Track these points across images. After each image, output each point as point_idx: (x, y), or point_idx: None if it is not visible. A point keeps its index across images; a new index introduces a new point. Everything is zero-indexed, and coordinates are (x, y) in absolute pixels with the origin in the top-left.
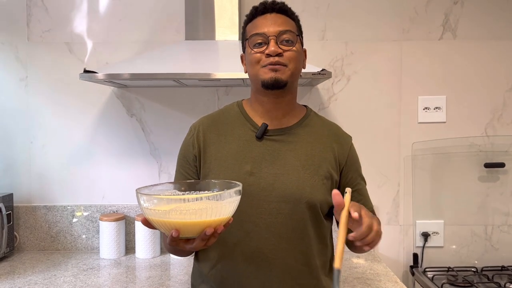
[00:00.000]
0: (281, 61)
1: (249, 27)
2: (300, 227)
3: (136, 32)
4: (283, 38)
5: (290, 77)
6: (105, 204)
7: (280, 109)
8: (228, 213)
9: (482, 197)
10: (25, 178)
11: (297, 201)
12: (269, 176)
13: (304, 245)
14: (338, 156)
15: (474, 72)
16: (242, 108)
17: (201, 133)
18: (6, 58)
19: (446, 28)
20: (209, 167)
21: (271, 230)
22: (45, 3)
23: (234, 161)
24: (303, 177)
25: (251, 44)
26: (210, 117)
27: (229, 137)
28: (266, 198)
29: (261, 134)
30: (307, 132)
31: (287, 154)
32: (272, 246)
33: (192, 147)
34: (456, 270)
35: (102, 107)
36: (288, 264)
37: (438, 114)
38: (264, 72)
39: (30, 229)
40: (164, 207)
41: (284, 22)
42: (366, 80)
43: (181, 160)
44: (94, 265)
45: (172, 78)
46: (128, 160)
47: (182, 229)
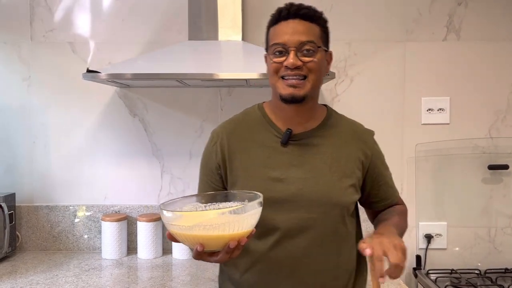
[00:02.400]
0: (300, 73)
1: (271, 32)
2: (331, 230)
3: (139, 32)
4: (304, 48)
5: (309, 90)
6: (107, 204)
7: (302, 115)
8: (251, 225)
9: (486, 199)
10: (27, 177)
11: (327, 204)
12: (298, 182)
13: (334, 246)
14: (363, 154)
15: (478, 73)
16: (263, 112)
17: (225, 140)
18: (9, 57)
19: (450, 29)
20: (236, 175)
21: (303, 235)
22: (49, 3)
23: (261, 168)
24: (331, 180)
25: (271, 51)
26: (232, 122)
27: (253, 143)
28: (296, 204)
29: (286, 141)
30: (331, 133)
31: (313, 158)
32: (304, 250)
33: (215, 155)
34: (460, 272)
35: (104, 107)
36: (320, 266)
37: (442, 115)
38: (282, 86)
39: (32, 229)
40: (187, 222)
41: (306, 31)
42: (369, 81)
43: (204, 169)
44: (96, 265)
45: (175, 78)
46: (130, 161)
47: (206, 243)
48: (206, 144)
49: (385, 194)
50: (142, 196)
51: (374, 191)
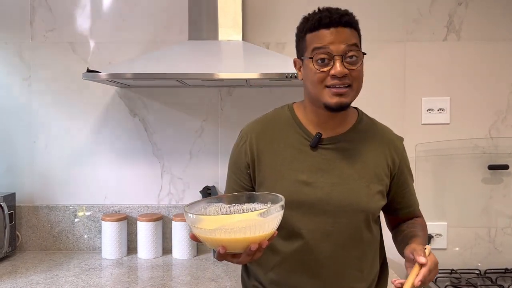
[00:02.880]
0: (347, 82)
1: (310, 38)
2: (356, 235)
3: (139, 32)
4: (348, 55)
5: (353, 97)
6: (107, 204)
7: (336, 120)
8: (272, 228)
9: (486, 199)
10: (27, 177)
11: (354, 210)
12: (326, 186)
13: (359, 251)
14: (392, 162)
15: (478, 73)
16: (293, 113)
17: (254, 140)
18: (10, 57)
19: (450, 29)
20: (264, 176)
21: (328, 238)
22: (49, 3)
23: (289, 170)
24: (359, 186)
25: (314, 59)
26: (261, 122)
27: (282, 145)
28: (323, 208)
29: (315, 144)
30: (361, 138)
31: (342, 163)
32: (328, 254)
33: (244, 154)
34: (460, 272)
35: (105, 107)
36: (343, 269)
37: (442, 115)
38: (329, 95)
39: (32, 228)
40: (210, 226)
41: (349, 37)
42: (369, 81)
43: (233, 167)
44: (96, 265)
45: (175, 78)
46: (130, 160)
47: (228, 246)
48: (235, 143)
49: (408, 202)
50: (142, 196)
51: (399, 198)
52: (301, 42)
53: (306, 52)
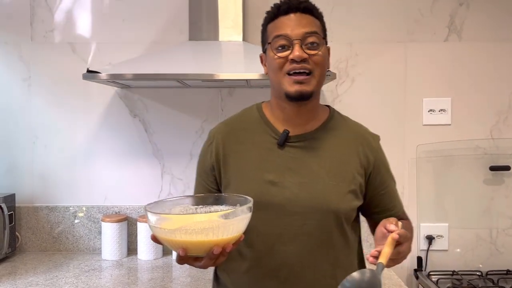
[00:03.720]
0: (306, 67)
1: (270, 28)
2: (327, 238)
3: (139, 33)
4: (308, 41)
5: (315, 86)
6: (107, 205)
7: (303, 115)
8: (237, 231)
9: (487, 200)
10: (27, 178)
11: (324, 211)
12: (294, 186)
13: (331, 256)
14: (366, 160)
15: (480, 74)
16: (262, 112)
17: (220, 140)
18: (10, 58)
19: (451, 29)
20: (230, 177)
21: (296, 242)
22: (49, 3)
23: (255, 171)
24: (329, 186)
25: (273, 47)
26: (229, 122)
27: (249, 145)
28: (291, 209)
29: (282, 142)
30: (332, 136)
31: (311, 162)
32: (298, 259)
33: (210, 156)
34: (461, 274)
35: (105, 108)
36: (315, 277)
37: (443, 116)
38: (289, 83)
39: (32, 229)
40: (170, 226)
41: (309, 23)
42: (370, 82)
43: (199, 169)
44: (96, 266)
45: (175, 78)
46: (130, 161)
47: (189, 248)
48: (203, 145)
49: (387, 204)
50: (142, 197)
51: (376, 201)
52: (264, 34)
53: (268, 44)
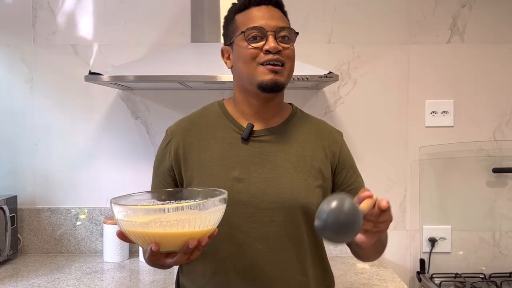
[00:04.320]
0: (280, 59)
1: (241, 18)
2: (296, 235)
3: (141, 35)
4: (281, 35)
5: (287, 79)
6: (109, 207)
7: (269, 110)
8: (213, 224)
9: (490, 202)
10: (29, 180)
11: (292, 206)
12: (260, 181)
13: (301, 253)
14: (330, 154)
15: (482, 76)
16: (224, 108)
17: (179, 138)
18: (12, 60)
19: (454, 31)
20: (191, 175)
21: (264, 240)
22: (51, 5)
23: (219, 167)
24: (296, 180)
25: (246, 37)
26: (188, 119)
27: (211, 141)
28: (258, 206)
29: (247, 136)
30: (296, 130)
31: (277, 156)
32: (267, 258)
33: (168, 155)
34: (464, 276)
35: (107, 110)
36: (286, 275)
37: (446, 118)
38: (263, 72)
39: (33, 231)
40: (142, 219)
41: (282, 17)
42: (372, 84)
43: (156, 169)
44: (98, 269)
45: (177, 80)
46: (132, 163)
47: (163, 242)
48: (160, 143)
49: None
50: None
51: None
52: (230, 25)
53: (236, 33)
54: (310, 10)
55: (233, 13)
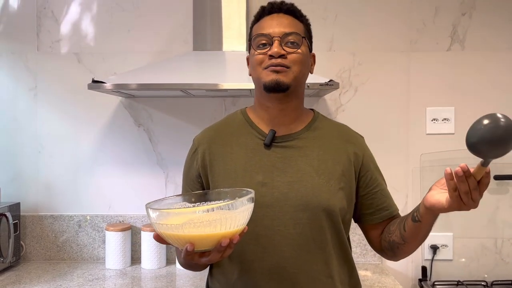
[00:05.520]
0: (284, 63)
1: (255, 28)
2: (320, 236)
3: (144, 43)
4: (288, 40)
5: (293, 80)
6: (111, 214)
7: (286, 115)
8: (243, 222)
9: (492, 209)
10: (32, 187)
11: (315, 209)
12: (283, 185)
13: (326, 255)
14: (353, 157)
15: (483, 83)
16: (246, 115)
17: (206, 146)
18: (16, 67)
19: (454, 39)
20: (218, 181)
21: (289, 242)
22: (55, 14)
23: (243, 172)
24: (318, 183)
25: (255, 45)
26: (213, 128)
27: (235, 147)
28: (281, 209)
29: (269, 141)
30: (317, 135)
31: (299, 161)
32: (292, 259)
33: (195, 162)
34: (466, 283)
35: (110, 117)
36: (312, 277)
37: (447, 125)
38: (266, 74)
39: (36, 238)
40: (176, 221)
41: (290, 24)
42: (373, 91)
43: (185, 177)
44: (100, 276)
45: (179, 88)
46: (135, 170)
47: (197, 242)
48: (188, 152)
49: (381, 203)
50: None
51: (369, 200)
52: (250, 36)
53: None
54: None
55: (251, 24)
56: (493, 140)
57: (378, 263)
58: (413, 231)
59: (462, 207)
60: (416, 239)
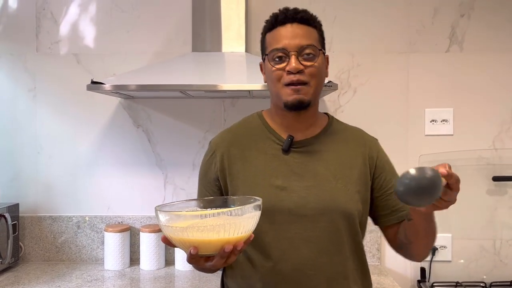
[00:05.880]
0: (302, 79)
1: (268, 38)
2: (337, 239)
3: (143, 44)
4: (305, 52)
5: (312, 95)
6: (110, 215)
7: (303, 121)
8: (248, 230)
9: (491, 211)
10: (31, 188)
11: (333, 212)
12: (301, 190)
13: (342, 257)
14: (368, 160)
15: (481, 84)
16: (263, 120)
17: (224, 149)
18: (15, 68)
19: (452, 40)
20: (237, 185)
21: (308, 245)
22: (54, 15)
23: (262, 177)
24: (336, 188)
25: (271, 59)
26: (231, 131)
27: (254, 152)
28: (300, 212)
29: (287, 147)
30: (334, 140)
31: (316, 165)
32: (310, 262)
33: (213, 165)
34: (465, 285)
35: (109, 118)
36: (329, 278)
37: (445, 126)
38: (287, 93)
39: (35, 239)
40: (181, 224)
41: (306, 35)
42: (372, 92)
43: (202, 179)
44: (99, 277)
45: (178, 89)
46: (134, 171)
47: (201, 246)
48: (204, 154)
49: (396, 204)
50: (145, 207)
51: (384, 201)
52: (263, 43)
53: (265, 52)
54: None
55: (264, 32)
56: (417, 190)
57: (377, 264)
58: (411, 229)
59: (439, 209)
60: (417, 238)
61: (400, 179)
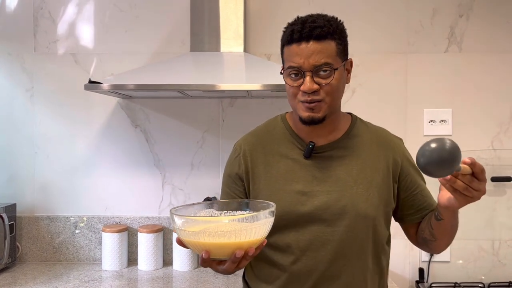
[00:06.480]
0: (316, 98)
1: (286, 52)
2: (357, 243)
3: (141, 44)
4: (321, 70)
5: (327, 111)
6: (108, 215)
7: (324, 128)
8: (260, 235)
9: (489, 211)
10: (28, 188)
11: (353, 217)
12: (322, 194)
13: (362, 261)
14: (392, 163)
15: (480, 85)
16: (287, 123)
17: (248, 152)
18: (13, 68)
19: (451, 41)
20: (259, 188)
21: (327, 248)
22: (52, 14)
23: (284, 181)
24: (356, 193)
25: (287, 75)
26: (254, 134)
27: (276, 156)
28: (321, 217)
29: (309, 154)
30: (356, 143)
31: (338, 170)
32: (329, 264)
33: (238, 167)
34: (463, 285)
35: (107, 118)
36: (347, 281)
37: (444, 127)
38: (301, 109)
39: (32, 239)
40: (194, 228)
41: (322, 51)
42: (371, 93)
43: (226, 180)
44: (96, 277)
45: (177, 89)
46: (132, 171)
47: (212, 251)
48: (229, 156)
49: (421, 203)
50: (143, 207)
51: (409, 202)
52: (282, 54)
53: (283, 65)
54: None
55: (283, 44)
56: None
57: None
58: (440, 228)
59: (470, 200)
60: (445, 235)
61: (421, 150)
